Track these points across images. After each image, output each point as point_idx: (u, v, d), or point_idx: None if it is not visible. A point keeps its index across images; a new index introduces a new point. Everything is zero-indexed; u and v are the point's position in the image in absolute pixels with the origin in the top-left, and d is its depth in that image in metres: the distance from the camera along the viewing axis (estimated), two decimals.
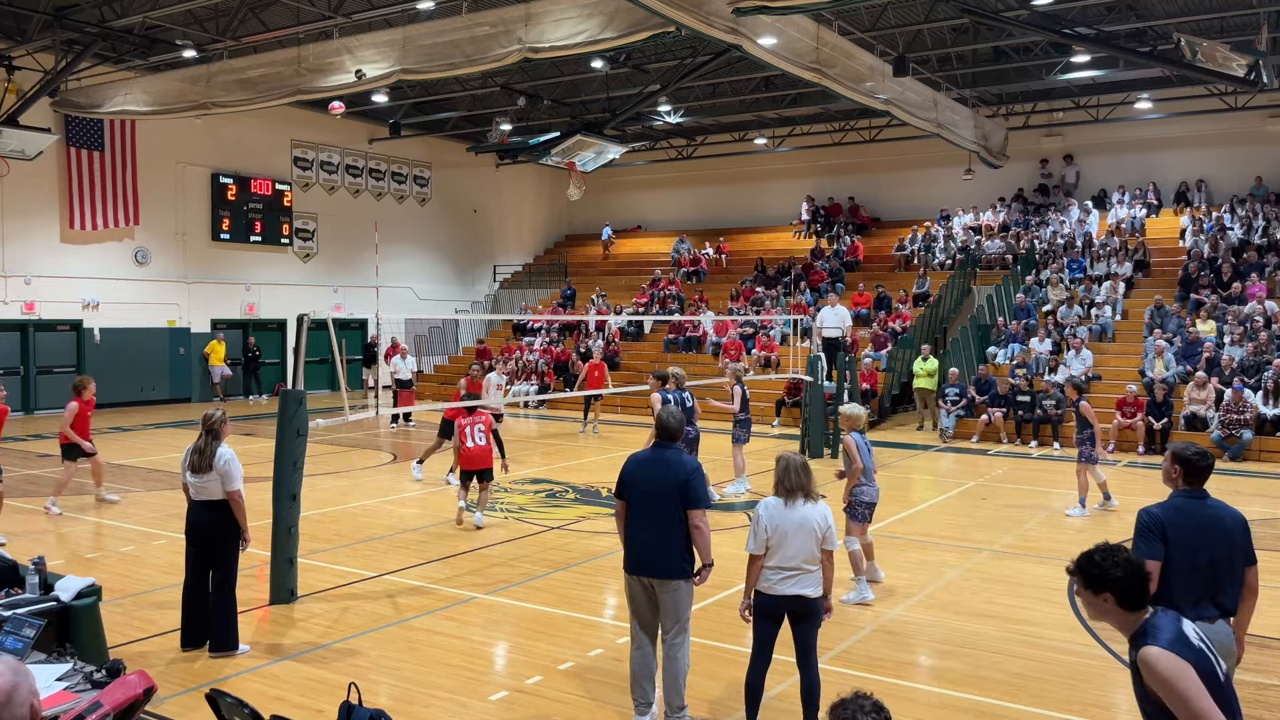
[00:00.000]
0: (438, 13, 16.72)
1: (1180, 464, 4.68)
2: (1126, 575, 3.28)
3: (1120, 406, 17.82)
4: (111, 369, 23.30)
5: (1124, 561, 3.31)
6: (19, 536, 10.40)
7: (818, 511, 5.57)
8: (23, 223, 21.89)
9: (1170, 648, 3.12)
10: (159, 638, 7.31)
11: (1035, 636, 7.54)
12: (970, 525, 11.48)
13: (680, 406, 12.09)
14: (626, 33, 13.95)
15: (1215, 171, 24.96)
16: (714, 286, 28.08)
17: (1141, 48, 18.77)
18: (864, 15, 18.19)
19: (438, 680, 6.57)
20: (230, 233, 25.81)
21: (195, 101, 18.86)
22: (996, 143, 24.65)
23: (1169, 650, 3.12)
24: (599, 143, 20.96)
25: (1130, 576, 3.28)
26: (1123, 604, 3.29)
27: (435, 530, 11.07)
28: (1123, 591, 3.28)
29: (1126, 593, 3.28)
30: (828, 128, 28.31)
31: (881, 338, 22.67)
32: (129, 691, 3.57)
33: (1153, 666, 3.12)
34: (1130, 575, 3.28)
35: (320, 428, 11.06)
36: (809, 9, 13.85)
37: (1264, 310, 19.39)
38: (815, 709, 5.53)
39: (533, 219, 34.79)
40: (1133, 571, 3.29)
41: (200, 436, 7.04)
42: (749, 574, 5.60)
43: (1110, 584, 3.29)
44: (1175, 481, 4.71)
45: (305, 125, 27.30)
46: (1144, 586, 3.30)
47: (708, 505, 5.80)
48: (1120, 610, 3.31)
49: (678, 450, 5.95)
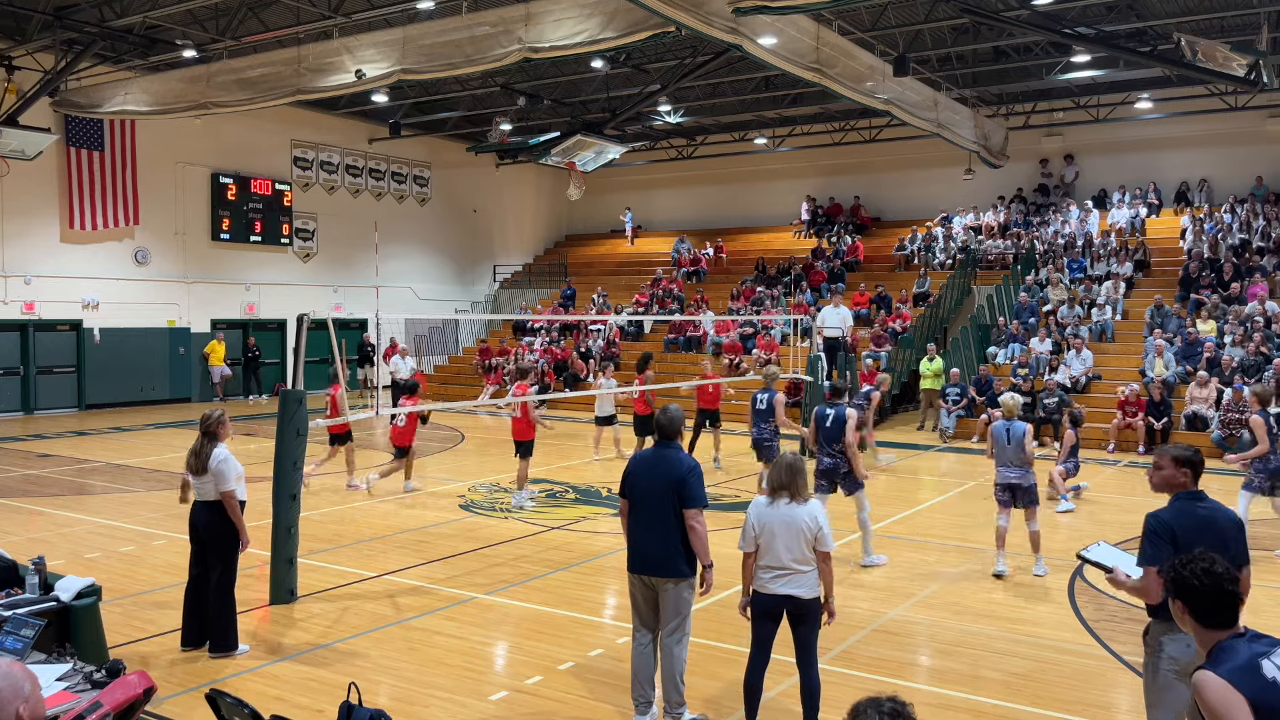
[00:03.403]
0: (438, 12, 16.71)
1: (1189, 467, 4.67)
2: (1201, 590, 3.08)
3: (1121, 406, 17.82)
4: (111, 369, 23.32)
5: (1203, 573, 3.10)
6: (19, 536, 10.40)
7: (806, 512, 5.51)
8: (22, 222, 21.89)
9: (1229, 676, 2.91)
10: (159, 638, 7.31)
11: (1035, 636, 7.54)
12: (970, 525, 11.48)
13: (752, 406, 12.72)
14: (626, 32, 13.94)
15: (1215, 171, 24.95)
16: (714, 286, 28.07)
17: (1142, 47, 18.76)
18: (864, 15, 18.18)
19: (438, 680, 6.57)
20: (230, 233, 25.81)
21: (195, 101, 18.85)
22: (996, 143, 24.65)
23: (1225, 679, 2.91)
24: (599, 143, 20.95)
25: (1211, 591, 3.08)
26: (1197, 617, 3.11)
27: (435, 530, 11.07)
28: (1197, 604, 3.10)
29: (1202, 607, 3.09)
30: (828, 128, 28.30)
31: (881, 338, 22.67)
32: (129, 691, 3.57)
33: (1201, 692, 2.94)
34: (1211, 589, 3.08)
35: (320, 428, 11.06)
36: (809, 9, 13.84)
37: (1264, 310, 19.38)
38: (815, 710, 5.52)
39: (533, 219, 34.79)
40: (1212, 586, 3.09)
41: (198, 438, 7.05)
42: (743, 572, 5.65)
43: (1184, 592, 3.11)
44: (1184, 484, 4.67)
45: (305, 125, 27.31)
46: (1223, 604, 3.09)
47: (704, 505, 5.77)
48: (1196, 624, 3.13)
49: (677, 449, 5.95)
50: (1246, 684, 2.89)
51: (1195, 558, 3.16)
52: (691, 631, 5.88)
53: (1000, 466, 9.48)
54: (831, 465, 9.72)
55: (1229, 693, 2.88)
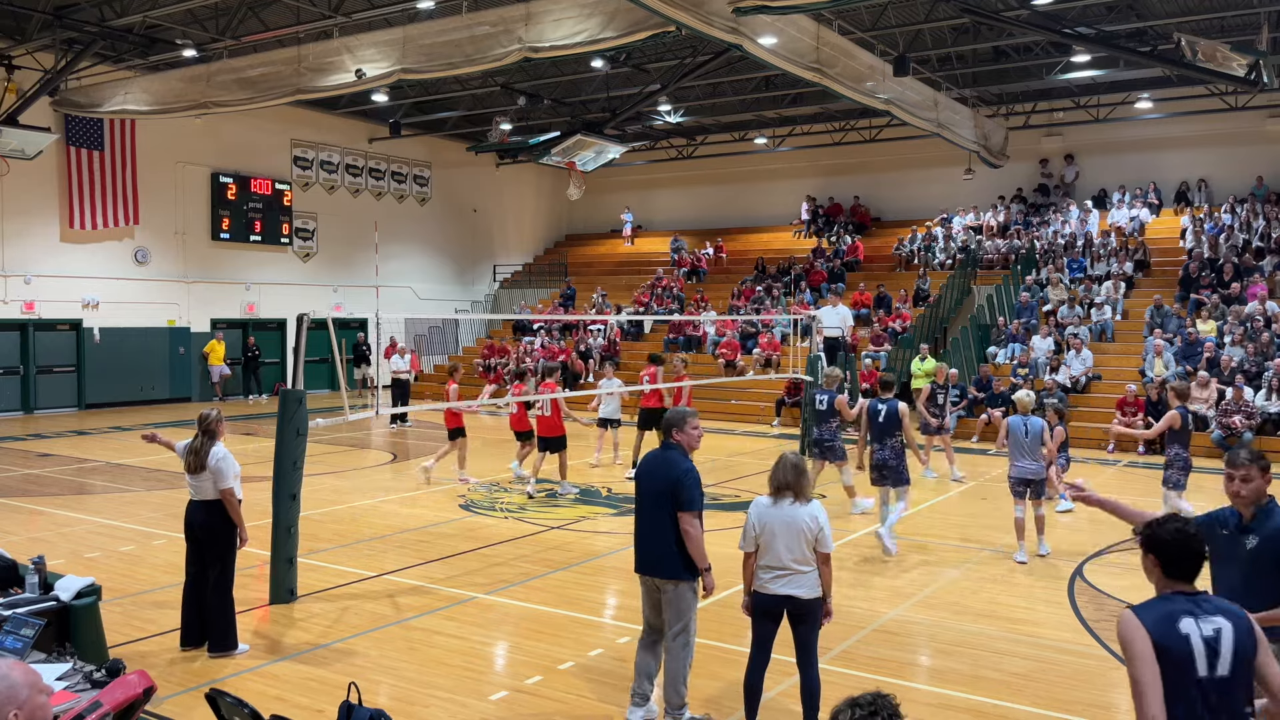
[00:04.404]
0: (438, 12, 16.71)
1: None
2: (1172, 543, 3.33)
3: (1120, 406, 17.82)
4: (111, 369, 23.32)
5: (1175, 531, 3.35)
6: (19, 536, 10.39)
7: (807, 512, 5.50)
8: (22, 222, 21.89)
9: (1142, 616, 3.23)
10: (159, 637, 7.31)
11: (1035, 636, 7.54)
12: (970, 525, 11.48)
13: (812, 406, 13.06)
14: (626, 32, 13.94)
15: (1215, 171, 24.95)
16: (714, 286, 28.07)
17: (1142, 47, 18.76)
18: (864, 15, 18.18)
19: (437, 680, 6.57)
20: (230, 232, 25.81)
21: (195, 101, 18.85)
22: (996, 142, 24.65)
23: (1138, 617, 3.23)
24: (599, 142, 20.95)
25: (1175, 544, 3.32)
26: (1163, 569, 3.36)
27: (435, 530, 11.07)
28: (1166, 557, 3.35)
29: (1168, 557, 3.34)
30: (828, 127, 28.30)
31: (881, 337, 22.68)
32: (129, 691, 3.57)
33: (1118, 625, 3.28)
34: (1175, 544, 3.32)
35: (320, 427, 11.06)
36: (809, 8, 13.84)
37: (1265, 310, 19.38)
38: (815, 710, 5.52)
39: (533, 219, 34.78)
40: (1181, 543, 3.32)
41: (196, 436, 7.05)
42: (744, 572, 5.64)
43: (1156, 547, 3.37)
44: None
45: (305, 125, 27.30)
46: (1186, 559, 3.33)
47: (698, 509, 5.70)
48: (1161, 575, 3.38)
49: (677, 450, 5.93)
50: (1157, 627, 3.19)
51: (1167, 519, 3.45)
52: (694, 636, 5.83)
53: (1017, 461, 9.85)
54: (883, 459, 10.17)
55: (1136, 629, 3.20)
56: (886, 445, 10.18)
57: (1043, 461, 9.89)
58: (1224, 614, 3.28)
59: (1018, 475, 9.91)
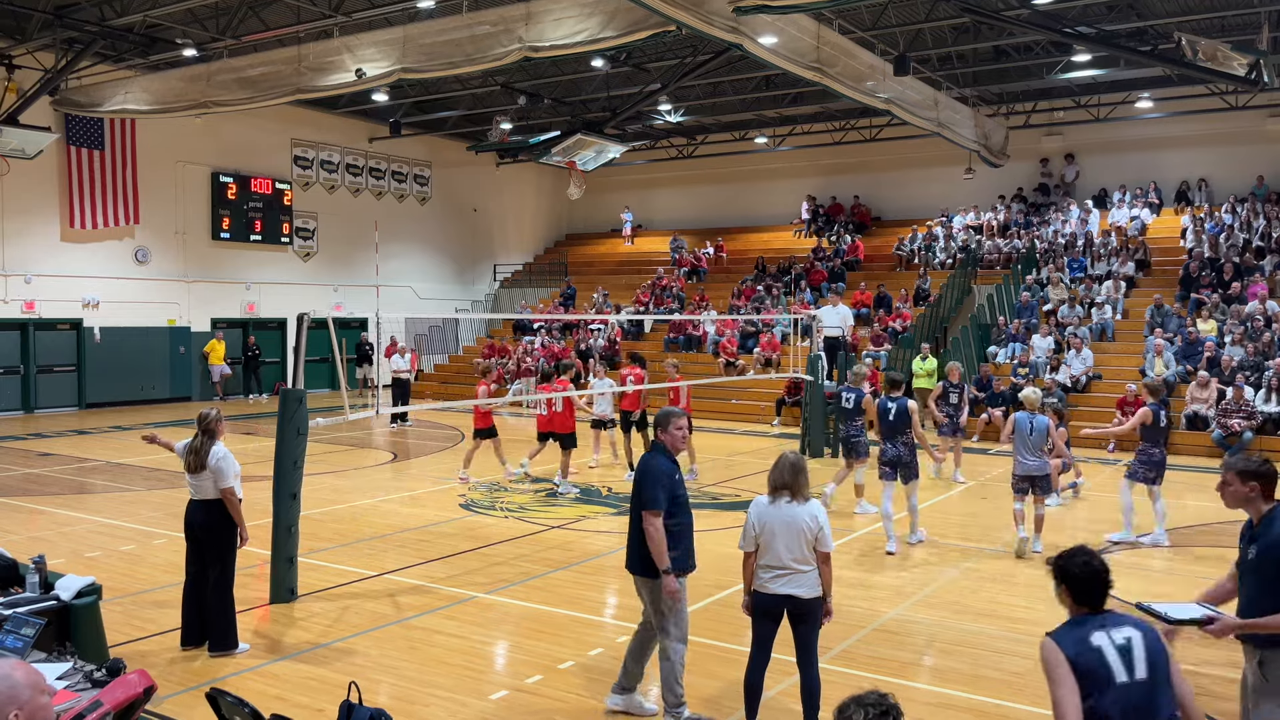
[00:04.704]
0: (438, 11, 16.71)
1: (1256, 480, 4.38)
2: (1081, 575, 3.62)
3: (1120, 406, 17.80)
4: (111, 368, 23.33)
5: (1083, 564, 3.63)
6: (20, 535, 10.40)
7: (806, 512, 5.50)
8: (23, 221, 21.89)
9: (1059, 638, 3.53)
10: (159, 637, 7.31)
11: (1035, 636, 7.46)
12: (970, 525, 11.49)
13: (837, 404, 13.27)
14: (626, 32, 13.94)
15: (1216, 171, 24.94)
16: (714, 286, 28.07)
17: (1142, 47, 18.76)
18: (864, 14, 18.18)
19: (438, 679, 6.57)
20: (230, 232, 25.81)
21: (195, 100, 18.85)
22: (997, 142, 24.64)
23: (1055, 641, 3.53)
24: (599, 142, 20.94)
25: (1083, 576, 3.62)
26: (1073, 597, 3.65)
27: (435, 529, 11.07)
28: (1076, 588, 3.64)
29: (1076, 588, 3.63)
30: (828, 127, 28.30)
31: (881, 337, 22.67)
32: (129, 690, 3.57)
33: (1040, 651, 3.57)
34: (1083, 576, 3.62)
35: (320, 427, 11.07)
36: (809, 8, 13.83)
37: (1265, 310, 19.38)
38: (815, 709, 5.53)
39: (533, 218, 34.77)
40: (1089, 574, 3.61)
41: (196, 436, 7.05)
42: (744, 571, 5.65)
43: (1067, 579, 3.66)
44: (1251, 498, 4.42)
45: (305, 124, 27.30)
46: (1093, 587, 3.61)
47: (655, 507, 5.64)
48: (1072, 602, 3.66)
49: (655, 449, 5.96)
50: (1072, 646, 3.49)
51: (1076, 552, 3.71)
52: (686, 635, 5.82)
53: (1021, 457, 9.98)
54: (896, 455, 10.36)
55: (1054, 652, 3.50)
56: (898, 442, 10.41)
57: (1048, 459, 9.99)
58: (1131, 625, 3.58)
59: (1022, 472, 10.04)
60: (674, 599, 5.66)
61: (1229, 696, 6.25)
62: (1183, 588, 8.60)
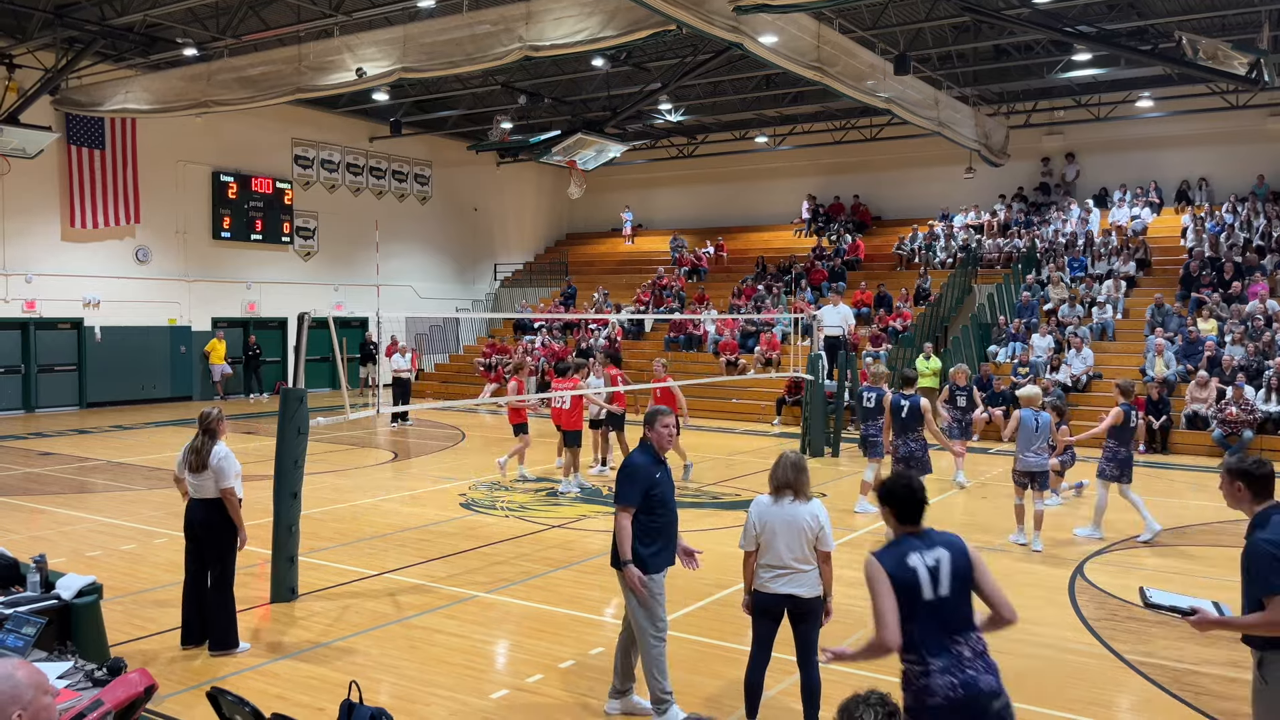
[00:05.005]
0: (438, 11, 16.71)
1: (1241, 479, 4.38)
2: (902, 497, 4.07)
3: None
4: (112, 367, 23.34)
5: (904, 486, 4.09)
6: (21, 534, 10.41)
7: (808, 511, 5.50)
8: (23, 221, 21.90)
9: (880, 557, 3.96)
10: (160, 636, 7.31)
11: (1035, 636, 7.53)
12: (971, 525, 11.47)
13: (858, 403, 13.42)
14: (627, 31, 13.94)
15: (1216, 170, 24.94)
16: (715, 285, 28.07)
17: (1143, 46, 18.76)
18: (865, 13, 18.18)
19: (438, 678, 6.57)
20: (231, 231, 25.82)
21: (196, 100, 18.86)
22: (997, 141, 24.64)
23: (878, 559, 3.95)
24: (600, 141, 20.94)
25: (903, 497, 4.07)
26: (897, 517, 4.08)
27: (436, 529, 11.07)
28: (899, 508, 4.07)
29: (899, 508, 4.07)
30: (828, 126, 28.30)
31: (881, 337, 22.67)
32: (130, 689, 3.58)
33: (864, 567, 3.98)
34: (904, 496, 4.06)
35: (321, 426, 11.08)
36: (810, 7, 13.83)
37: (1265, 309, 19.37)
38: (816, 709, 5.53)
39: (533, 217, 34.78)
40: (908, 495, 4.07)
41: (197, 436, 7.05)
42: (744, 571, 5.64)
43: (892, 499, 4.11)
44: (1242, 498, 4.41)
45: (306, 123, 27.31)
46: (912, 507, 4.06)
47: (626, 503, 5.70)
48: (896, 522, 4.09)
49: (641, 447, 5.99)
50: (892, 565, 3.93)
51: (899, 475, 4.17)
52: (664, 631, 5.79)
53: (1023, 454, 10.14)
54: (909, 451, 10.60)
55: (877, 569, 3.93)
56: (911, 439, 10.60)
57: (1049, 455, 10.14)
58: (944, 545, 4.03)
59: (1023, 468, 10.17)
60: (637, 592, 5.66)
61: (1229, 696, 6.26)
62: (1183, 588, 8.59)
